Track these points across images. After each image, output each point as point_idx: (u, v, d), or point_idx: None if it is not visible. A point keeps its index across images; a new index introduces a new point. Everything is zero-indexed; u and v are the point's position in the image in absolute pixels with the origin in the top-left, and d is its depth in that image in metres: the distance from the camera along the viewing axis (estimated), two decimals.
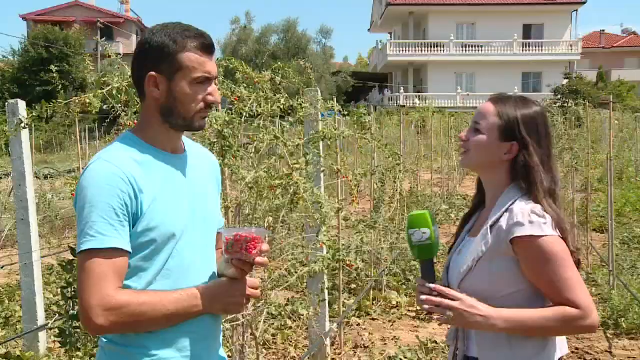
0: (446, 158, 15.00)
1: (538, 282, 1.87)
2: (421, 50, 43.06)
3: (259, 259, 1.79)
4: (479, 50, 42.82)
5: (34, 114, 3.09)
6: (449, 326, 2.09)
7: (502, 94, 2.07)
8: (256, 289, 1.89)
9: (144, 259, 1.74)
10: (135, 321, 1.68)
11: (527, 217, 1.86)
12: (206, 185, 1.97)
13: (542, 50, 42.87)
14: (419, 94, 42.77)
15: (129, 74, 3.08)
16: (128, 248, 1.69)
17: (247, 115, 3.42)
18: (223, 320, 3.25)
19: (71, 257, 3.20)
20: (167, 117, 1.81)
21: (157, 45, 1.78)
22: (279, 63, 3.91)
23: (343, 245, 5.61)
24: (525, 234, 1.84)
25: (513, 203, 1.92)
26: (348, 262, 4.73)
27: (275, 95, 3.60)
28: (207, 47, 1.82)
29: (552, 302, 1.87)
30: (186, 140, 1.97)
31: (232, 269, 1.81)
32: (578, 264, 1.94)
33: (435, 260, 2.06)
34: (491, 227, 1.92)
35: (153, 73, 1.78)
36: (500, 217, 1.91)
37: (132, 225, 1.71)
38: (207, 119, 1.93)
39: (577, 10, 44.05)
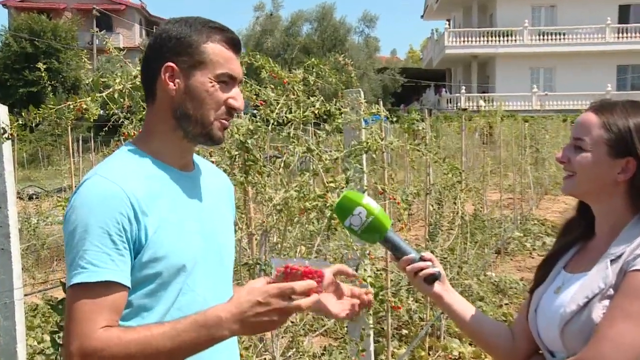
0: (519, 173, 14.85)
1: None
2: (487, 41, 42.86)
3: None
4: (560, 39, 42.42)
5: (19, 122, 3.12)
6: None
7: (604, 100, 2.04)
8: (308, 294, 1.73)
9: (149, 295, 1.77)
10: None
11: None
12: (220, 208, 2.01)
13: None
14: (485, 94, 42.50)
15: (133, 73, 3.15)
16: (126, 282, 1.71)
17: (275, 123, 3.46)
18: None
19: (63, 295, 3.25)
20: (182, 122, 1.83)
21: (177, 35, 1.82)
22: (313, 58, 3.94)
23: (392, 281, 5.60)
24: None
25: None
26: (393, 304, 4.72)
27: (308, 99, 3.63)
28: (233, 42, 1.86)
29: None
30: (194, 155, 2.01)
31: None
32: None
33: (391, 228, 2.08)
34: (612, 261, 1.89)
35: (170, 63, 1.81)
36: (625, 250, 1.88)
37: (134, 255, 1.73)
38: (227, 131, 1.95)
39: None
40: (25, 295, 6.88)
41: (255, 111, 3.57)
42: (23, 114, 3.06)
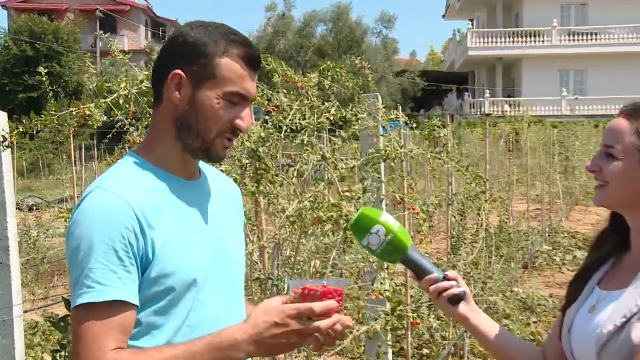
0: (547, 183, 14.79)
1: None
2: (513, 41, 42.78)
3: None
4: (591, 40, 42.25)
5: (19, 129, 3.14)
6: None
7: (637, 104, 2.00)
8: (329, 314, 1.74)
9: (159, 312, 1.78)
10: None
11: None
12: (227, 216, 2.02)
13: None
14: (510, 98, 42.40)
15: (139, 77, 3.17)
16: (134, 301, 1.72)
17: (288, 130, 3.47)
18: None
19: (65, 312, 3.27)
20: (182, 133, 1.84)
21: (193, 42, 1.82)
22: (328, 61, 3.95)
23: (412, 297, 5.59)
24: None
25: None
26: (412, 320, 4.72)
27: (323, 104, 3.64)
28: (253, 60, 1.85)
29: None
30: (200, 162, 2.01)
31: None
32: None
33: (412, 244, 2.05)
34: None
35: (179, 71, 1.81)
36: None
37: (141, 271, 1.74)
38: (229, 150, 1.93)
39: None
40: (25, 311, 6.90)
41: (267, 117, 3.58)
42: (24, 120, 3.06)
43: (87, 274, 1.68)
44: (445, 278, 2.06)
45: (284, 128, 3.46)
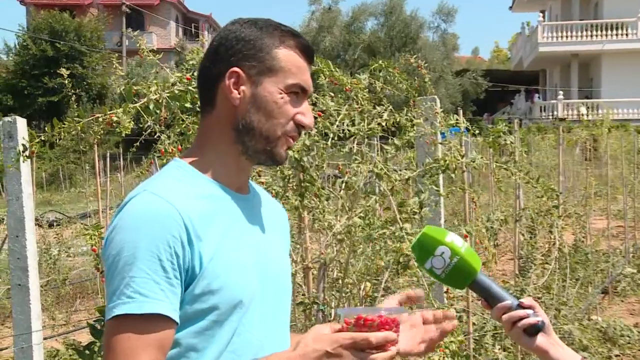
0: (631, 196, 14.60)
1: None
2: (591, 36, 42.33)
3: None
4: None
5: (42, 138, 3.17)
6: None
7: None
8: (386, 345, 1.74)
9: (200, 334, 1.79)
10: None
11: None
12: (277, 238, 2.06)
13: None
14: (588, 100, 41.95)
15: (171, 80, 3.21)
16: (176, 317, 1.73)
17: (336, 137, 3.48)
18: None
19: (90, 339, 3.30)
20: (243, 136, 1.88)
21: (246, 37, 1.88)
22: (379, 60, 3.97)
23: (474, 325, 5.56)
24: None
25: None
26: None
27: (374, 108, 3.65)
28: (308, 51, 1.92)
29: None
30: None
31: None
32: None
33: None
34: None
35: (236, 68, 1.86)
36: None
37: (184, 286, 1.76)
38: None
39: None
40: (45, 338, 6.96)
41: None
42: (45, 128, 3.09)
43: (128, 283, 1.70)
44: (520, 306, 2.01)
45: (331, 135, 3.47)
